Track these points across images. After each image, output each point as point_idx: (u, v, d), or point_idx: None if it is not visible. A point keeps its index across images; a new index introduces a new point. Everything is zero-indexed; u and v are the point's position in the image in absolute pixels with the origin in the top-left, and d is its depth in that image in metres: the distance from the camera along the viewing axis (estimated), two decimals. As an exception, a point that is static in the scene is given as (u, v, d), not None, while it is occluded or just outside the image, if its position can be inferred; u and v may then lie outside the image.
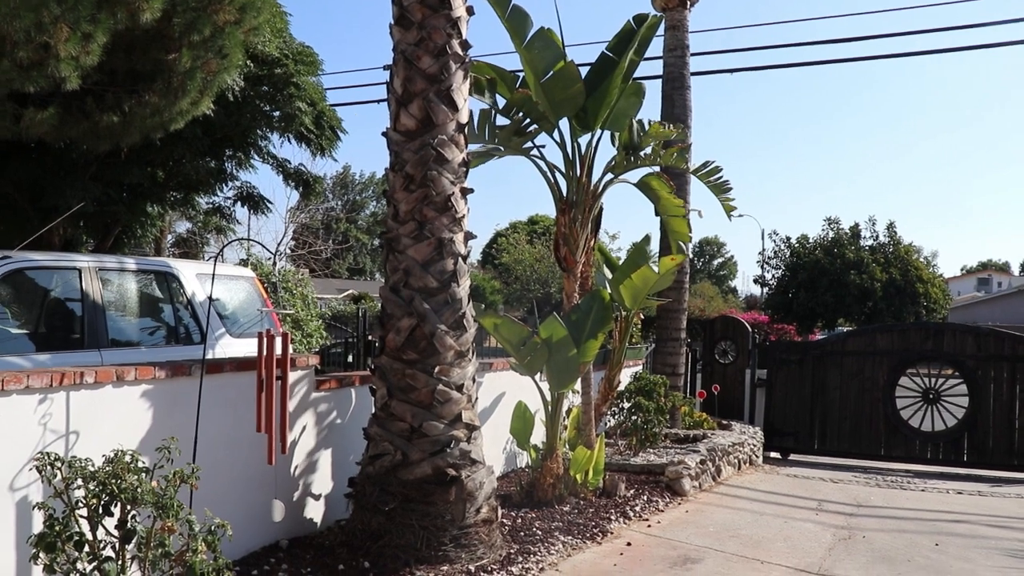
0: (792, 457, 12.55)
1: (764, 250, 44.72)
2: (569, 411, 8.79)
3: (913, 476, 11.09)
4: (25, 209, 11.44)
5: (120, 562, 3.83)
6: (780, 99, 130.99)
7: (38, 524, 3.94)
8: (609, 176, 8.49)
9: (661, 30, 11.37)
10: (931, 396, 12.06)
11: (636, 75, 8.62)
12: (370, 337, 13.44)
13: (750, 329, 13.60)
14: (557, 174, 8.27)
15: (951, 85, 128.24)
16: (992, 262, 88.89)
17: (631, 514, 7.54)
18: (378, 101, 20.39)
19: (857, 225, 40.09)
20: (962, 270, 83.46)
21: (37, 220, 10.75)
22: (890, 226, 39.81)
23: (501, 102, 8.14)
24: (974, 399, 11.72)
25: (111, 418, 4.66)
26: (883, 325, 26.80)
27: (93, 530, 3.81)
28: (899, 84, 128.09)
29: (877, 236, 39.88)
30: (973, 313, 49.22)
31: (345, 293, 42.00)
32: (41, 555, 3.67)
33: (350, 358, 14.33)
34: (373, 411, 6.05)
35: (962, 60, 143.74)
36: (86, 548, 3.76)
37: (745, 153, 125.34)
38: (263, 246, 9.14)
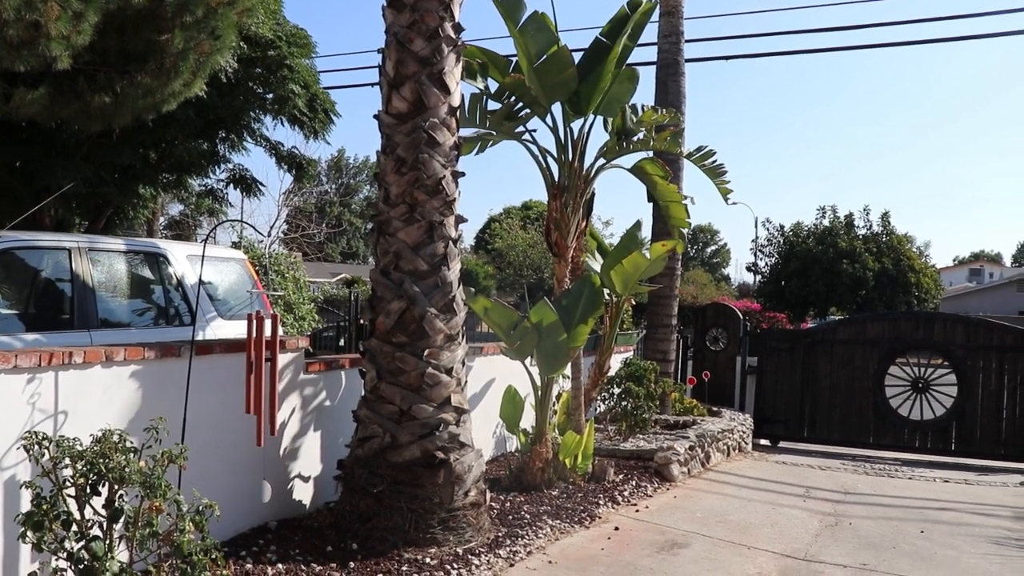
0: (782, 444, 12.61)
1: (757, 238, 44.84)
2: (559, 396, 8.81)
3: (901, 464, 11.16)
4: (17, 190, 11.39)
5: (108, 541, 3.83)
6: (776, 88, 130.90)
7: (26, 503, 3.94)
8: (601, 161, 8.50)
9: (656, 16, 11.37)
10: (920, 385, 12.12)
11: (630, 61, 8.61)
12: (361, 320, 13.44)
13: (741, 317, 13.63)
14: (549, 159, 8.27)
15: (946, 77, 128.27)
16: (984, 253, 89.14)
17: (619, 499, 7.58)
18: (372, 84, 20.31)
19: (851, 215, 40.21)
20: (954, 260, 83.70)
21: (29, 201, 10.70)
22: (884, 216, 39.95)
23: (493, 86, 8.13)
24: (963, 389, 11.78)
25: (100, 398, 4.66)
26: (874, 314, 26.95)
27: (81, 509, 3.82)
28: (894, 75, 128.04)
29: (871, 226, 40.01)
30: (964, 303, 49.45)
31: (338, 277, 41.94)
32: (29, 534, 3.68)
33: (342, 341, 14.34)
34: (363, 394, 6.06)
35: (958, 52, 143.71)
36: (74, 527, 3.77)
37: (740, 141, 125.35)
38: (255, 228, 9.19)
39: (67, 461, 3.83)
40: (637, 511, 7.36)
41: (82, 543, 3.77)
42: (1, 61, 6.88)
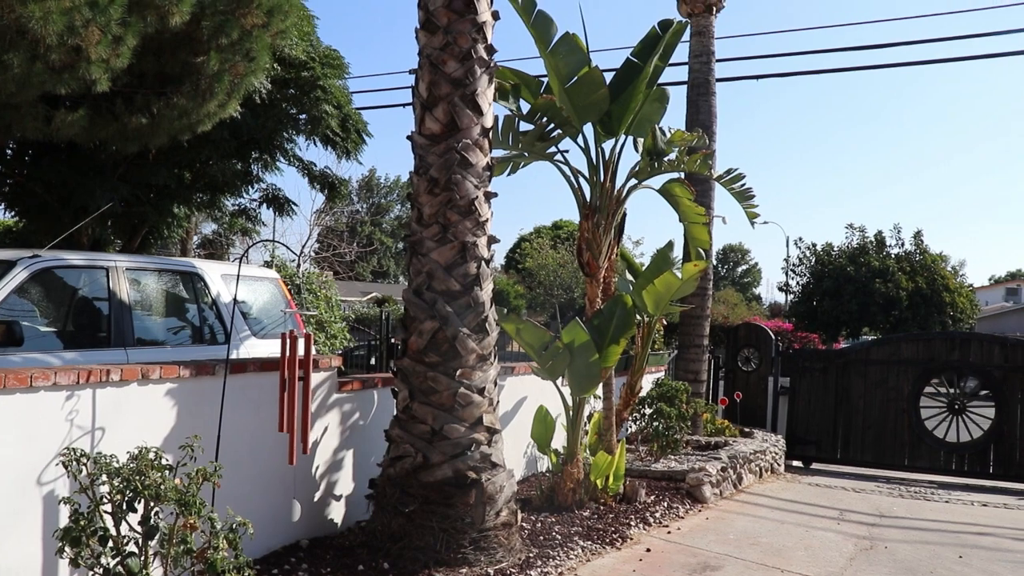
0: (814, 466, 12.46)
1: (789, 257, 44.51)
2: (590, 416, 8.79)
3: (937, 487, 10.98)
4: (55, 209, 11.59)
5: (143, 558, 3.88)
6: (809, 106, 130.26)
7: (64, 518, 4.00)
8: (633, 182, 8.49)
9: (686, 36, 11.37)
10: (956, 407, 11.94)
11: (661, 81, 8.62)
12: (393, 340, 13.48)
13: (773, 337, 13.53)
14: (581, 179, 8.28)
15: (980, 95, 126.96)
16: (1021, 272, 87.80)
17: (651, 520, 7.53)
18: (404, 105, 20.44)
19: (880, 233, 39.82)
20: (990, 280, 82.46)
21: (67, 220, 10.89)
22: (917, 235, 39.52)
23: (525, 107, 8.15)
24: (1000, 410, 11.59)
25: (136, 415, 4.72)
26: (908, 334, 26.60)
27: (117, 526, 3.87)
28: (927, 94, 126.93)
29: (903, 244, 39.60)
30: (1001, 323, 48.70)
31: (369, 296, 42.17)
32: (67, 549, 3.73)
33: (373, 360, 14.40)
34: (395, 413, 6.08)
35: (991, 69, 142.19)
36: (110, 543, 3.82)
37: (772, 160, 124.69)
38: (288, 248, 9.25)
39: (104, 478, 3.88)
40: (669, 533, 7.30)
41: (118, 559, 3.81)
42: (44, 84, 7.03)
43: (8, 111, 7.84)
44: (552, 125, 8.14)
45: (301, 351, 5.50)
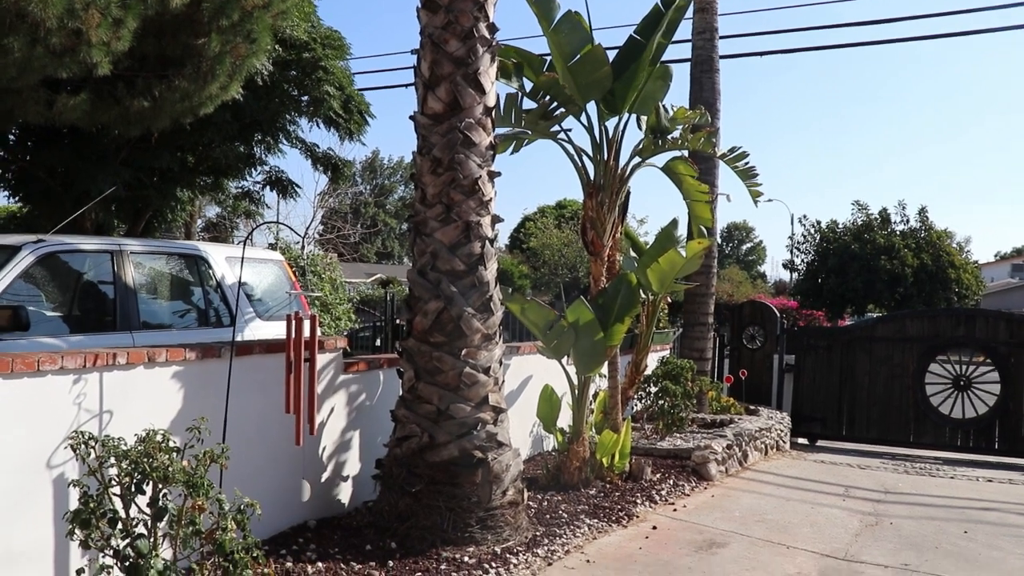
0: (820, 443, 12.49)
1: (794, 235, 44.46)
2: (596, 395, 8.80)
3: (942, 463, 11.00)
4: (58, 194, 11.59)
5: (152, 539, 3.89)
6: (813, 82, 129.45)
7: (73, 501, 4.02)
8: (636, 160, 8.46)
9: (689, 13, 11.30)
10: (962, 383, 11.94)
11: (664, 58, 8.57)
12: (398, 321, 13.50)
13: (778, 314, 13.52)
14: (584, 158, 8.26)
15: (982, 72, 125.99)
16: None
17: (657, 498, 7.55)
18: (406, 85, 20.41)
19: (885, 210, 39.72)
20: (996, 256, 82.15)
21: (70, 205, 10.88)
22: (921, 211, 39.44)
23: (528, 86, 8.12)
24: (1006, 386, 11.58)
25: (143, 398, 4.74)
26: (913, 311, 26.58)
27: (126, 508, 3.88)
28: (931, 69, 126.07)
29: (908, 221, 39.50)
30: (1007, 299, 48.59)
31: (373, 277, 42.20)
32: (77, 531, 3.75)
33: (378, 341, 14.42)
34: (400, 393, 6.09)
35: (997, 44, 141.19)
36: (119, 525, 3.83)
37: (777, 137, 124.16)
38: (292, 229, 9.22)
39: (112, 460, 3.89)
40: (675, 510, 7.33)
41: (127, 541, 3.83)
42: (45, 68, 7.01)
43: (10, 96, 7.82)
44: (555, 103, 8.11)
45: (307, 332, 5.52)
